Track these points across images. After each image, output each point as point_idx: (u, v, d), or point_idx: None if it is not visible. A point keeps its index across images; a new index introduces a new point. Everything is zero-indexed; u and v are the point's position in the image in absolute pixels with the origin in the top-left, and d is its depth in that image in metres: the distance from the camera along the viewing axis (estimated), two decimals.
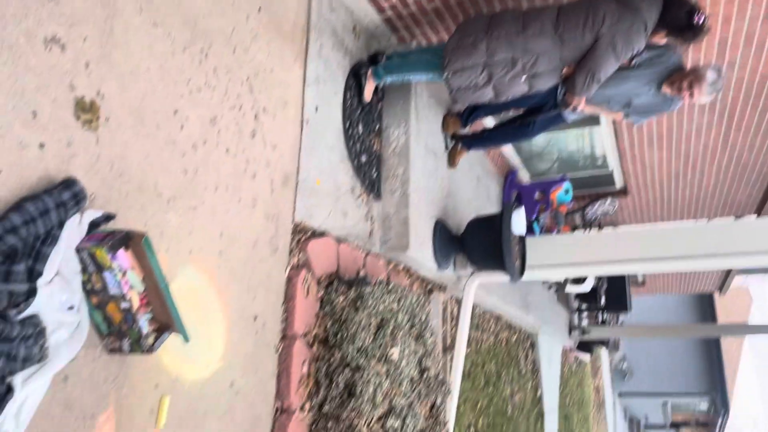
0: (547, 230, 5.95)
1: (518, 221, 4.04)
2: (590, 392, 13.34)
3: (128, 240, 1.85)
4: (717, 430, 20.37)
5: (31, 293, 1.61)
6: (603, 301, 9.95)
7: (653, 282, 12.16)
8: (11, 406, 1.57)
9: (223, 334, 2.57)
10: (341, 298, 3.26)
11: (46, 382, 1.72)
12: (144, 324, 1.91)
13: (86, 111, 1.91)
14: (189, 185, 2.37)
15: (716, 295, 18.84)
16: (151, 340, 1.93)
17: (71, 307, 1.80)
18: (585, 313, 10.59)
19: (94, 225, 1.87)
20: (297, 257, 3.15)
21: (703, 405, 20.95)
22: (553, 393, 8.99)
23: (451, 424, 4.41)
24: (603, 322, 10.78)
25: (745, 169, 6.07)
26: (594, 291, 9.55)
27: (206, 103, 2.50)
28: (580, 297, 10.07)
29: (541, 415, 8.23)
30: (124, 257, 1.83)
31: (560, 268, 4.40)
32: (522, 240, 4.25)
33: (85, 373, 1.90)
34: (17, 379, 1.59)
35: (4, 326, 1.51)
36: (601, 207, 6.85)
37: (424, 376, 3.64)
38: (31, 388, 1.65)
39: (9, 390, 1.55)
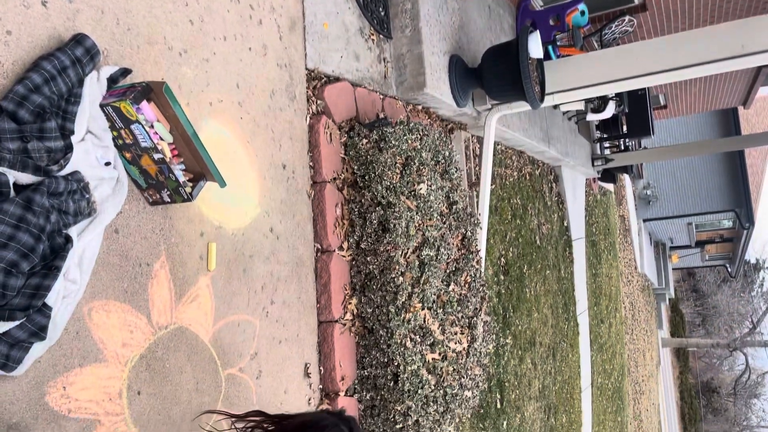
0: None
1: (534, 45, 3.92)
2: (615, 220, 13.64)
3: (149, 92, 1.85)
4: (742, 243, 20.92)
5: (68, 149, 1.66)
6: (624, 127, 9.86)
7: (675, 104, 11.94)
8: (73, 256, 1.67)
9: (256, 183, 2.65)
10: (364, 141, 3.28)
11: (99, 234, 1.82)
12: (179, 173, 1.96)
13: None
14: (198, 36, 2.33)
15: (740, 111, 18.51)
16: (188, 188, 2.00)
17: (108, 163, 1.86)
18: (607, 142, 10.55)
19: (112, 81, 1.87)
20: (315, 104, 3.15)
21: (727, 222, 21.35)
22: (579, 223, 9.21)
23: (482, 253, 4.60)
24: (626, 149, 10.74)
25: None
26: (615, 118, 9.43)
27: None
28: (602, 126, 9.98)
29: (568, 244, 8.51)
30: (149, 109, 1.85)
31: (581, 90, 4.32)
32: (540, 64, 4.15)
33: (133, 225, 2.00)
34: (73, 231, 1.68)
35: (50, 181, 1.58)
36: (620, 27, 6.57)
37: (453, 209, 3.74)
38: (86, 240, 1.75)
39: (68, 241, 1.64)
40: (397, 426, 3.13)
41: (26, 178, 1.55)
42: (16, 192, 1.54)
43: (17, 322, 1.49)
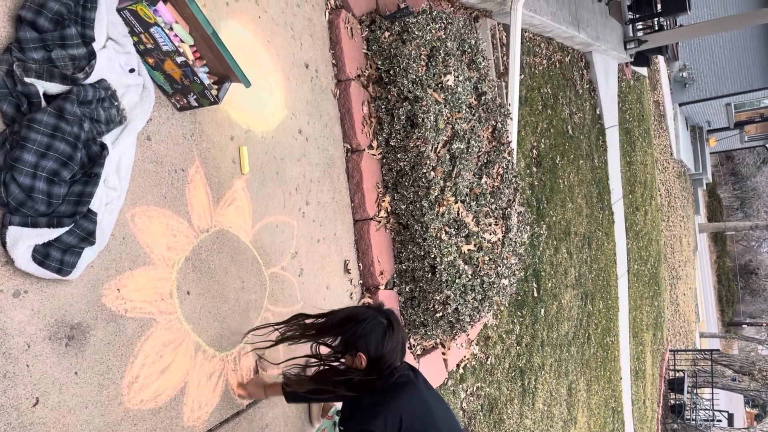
0: None
1: None
2: (650, 106, 13.22)
3: None
4: None
5: (91, 56, 1.65)
6: (658, 5, 9.34)
7: None
8: (110, 164, 1.71)
9: (280, 84, 2.62)
10: (386, 34, 3.19)
11: (133, 141, 1.84)
12: (204, 76, 1.95)
13: None
14: None
15: None
16: (214, 90, 1.99)
17: (132, 70, 1.85)
18: (640, 23, 10.04)
19: None
20: None
21: (767, 100, 20.52)
22: (612, 110, 8.96)
23: (514, 145, 4.54)
24: (660, 28, 10.23)
25: None
26: None
27: None
28: (634, 5, 9.47)
29: (601, 132, 8.33)
30: (166, 10, 1.81)
31: None
32: None
33: (164, 132, 2.01)
34: (107, 139, 1.71)
35: (79, 90, 1.58)
36: None
37: (482, 100, 3.67)
38: (121, 147, 1.78)
39: (103, 149, 1.67)
40: (437, 315, 3.24)
41: (54, 87, 1.56)
42: (47, 102, 1.56)
43: (66, 228, 1.55)
